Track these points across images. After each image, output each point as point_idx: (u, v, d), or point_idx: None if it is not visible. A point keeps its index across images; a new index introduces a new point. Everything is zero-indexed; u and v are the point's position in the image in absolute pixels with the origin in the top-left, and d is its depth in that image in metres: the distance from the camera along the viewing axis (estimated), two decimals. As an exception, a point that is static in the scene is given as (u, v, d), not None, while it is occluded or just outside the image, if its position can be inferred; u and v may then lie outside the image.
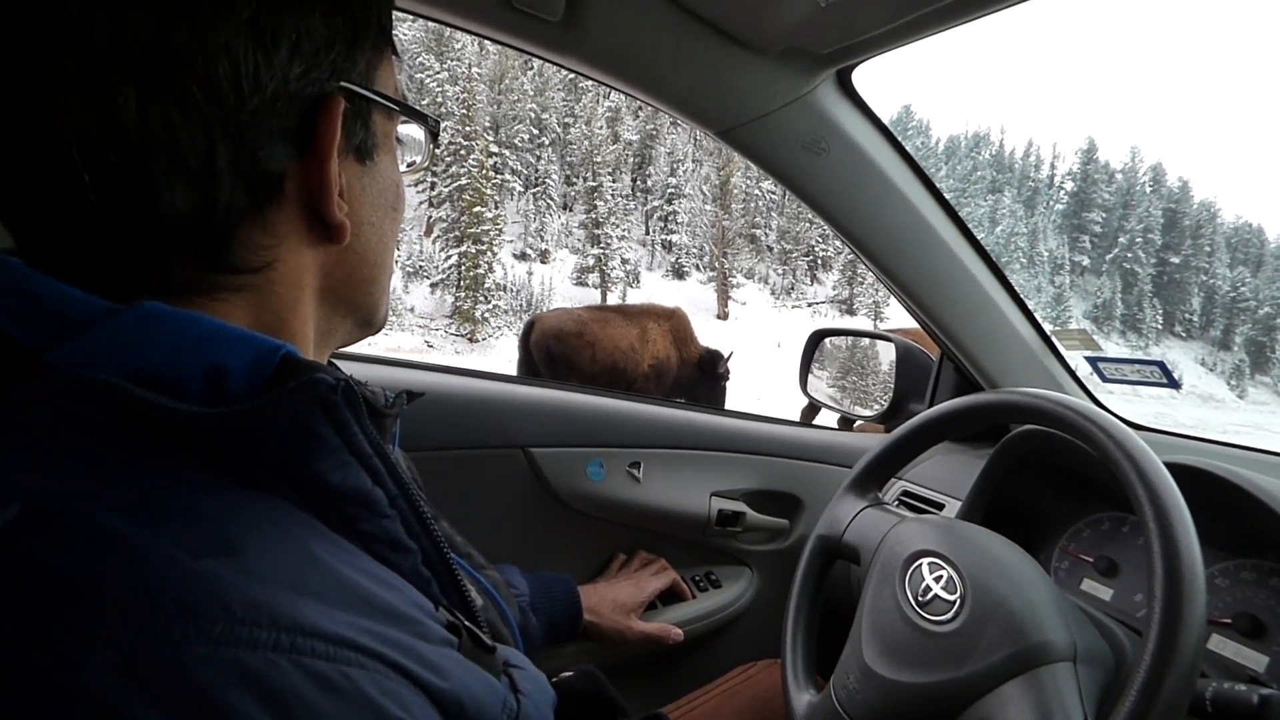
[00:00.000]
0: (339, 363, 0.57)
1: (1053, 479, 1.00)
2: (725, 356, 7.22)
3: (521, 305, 32.11)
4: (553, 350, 6.92)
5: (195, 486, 0.36)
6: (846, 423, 1.64)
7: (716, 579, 1.34)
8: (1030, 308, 1.23)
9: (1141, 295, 76.01)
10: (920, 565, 0.73)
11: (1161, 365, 1.20)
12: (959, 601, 0.67)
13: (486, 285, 28.18)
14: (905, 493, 1.28)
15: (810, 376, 1.67)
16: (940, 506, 1.19)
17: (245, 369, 0.39)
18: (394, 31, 0.51)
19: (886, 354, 1.61)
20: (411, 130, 0.55)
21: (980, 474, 1.03)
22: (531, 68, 44.12)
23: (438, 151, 0.60)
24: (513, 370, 7.03)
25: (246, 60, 0.37)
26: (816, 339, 1.70)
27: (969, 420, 0.83)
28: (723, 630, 1.32)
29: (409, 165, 0.56)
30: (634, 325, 7.46)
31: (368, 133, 0.47)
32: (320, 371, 0.39)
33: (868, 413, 1.56)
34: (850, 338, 1.78)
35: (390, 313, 0.58)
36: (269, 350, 0.40)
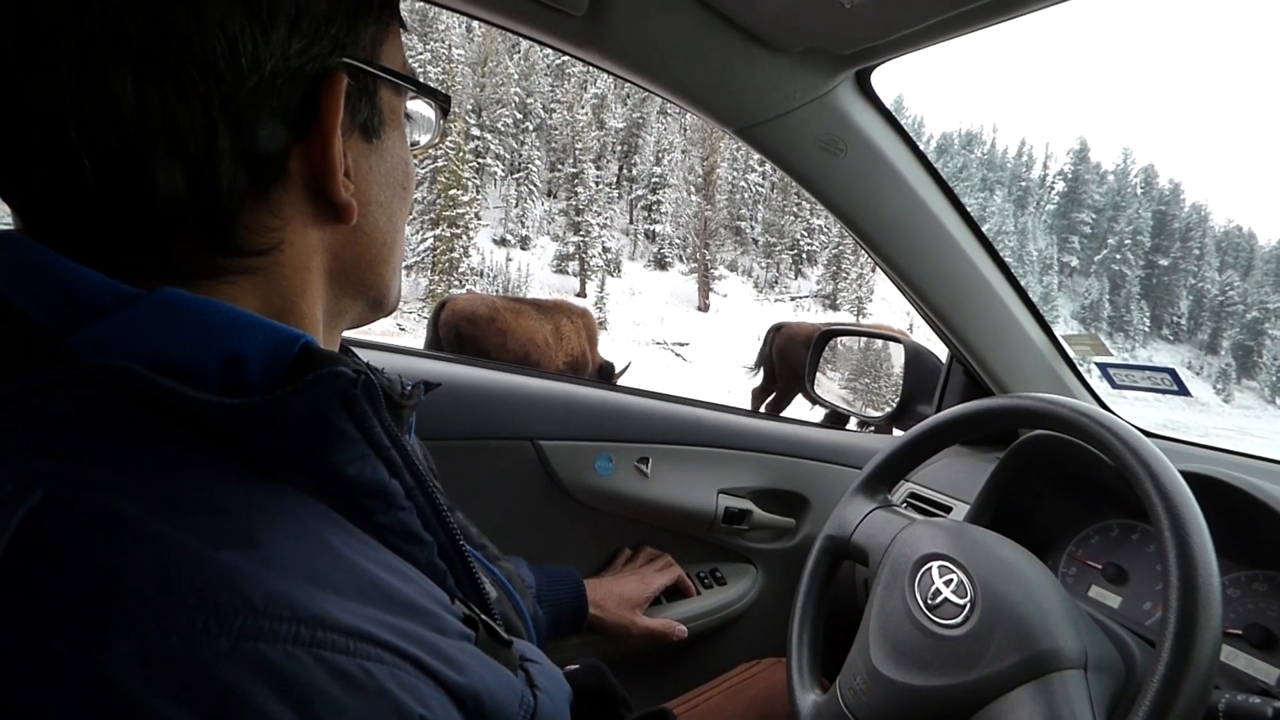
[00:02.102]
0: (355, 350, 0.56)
1: (1061, 484, 1.00)
2: (620, 369, 7.51)
3: (498, 291, 31.08)
4: (462, 332, 6.84)
5: (214, 477, 0.35)
6: (860, 422, 1.63)
7: (721, 576, 1.35)
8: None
9: (1129, 297, 76.47)
10: (930, 568, 0.72)
11: (1173, 373, 1.19)
12: (969, 605, 0.67)
13: (461, 270, 27.62)
14: (913, 494, 1.28)
15: (819, 375, 1.66)
16: (948, 509, 1.19)
17: (264, 358, 0.39)
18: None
19: (891, 353, 1.60)
20: (420, 106, 0.53)
21: (989, 478, 1.02)
22: (517, 51, 42.92)
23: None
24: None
25: (244, 38, 0.36)
26: (825, 338, 1.69)
27: (983, 424, 0.83)
28: (727, 628, 1.33)
29: (413, 143, 0.54)
30: (548, 320, 7.52)
31: (373, 109, 0.46)
32: (340, 363, 0.39)
33: (875, 414, 1.55)
34: (859, 338, 1.78)
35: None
36: (288, 339, 0.40)
